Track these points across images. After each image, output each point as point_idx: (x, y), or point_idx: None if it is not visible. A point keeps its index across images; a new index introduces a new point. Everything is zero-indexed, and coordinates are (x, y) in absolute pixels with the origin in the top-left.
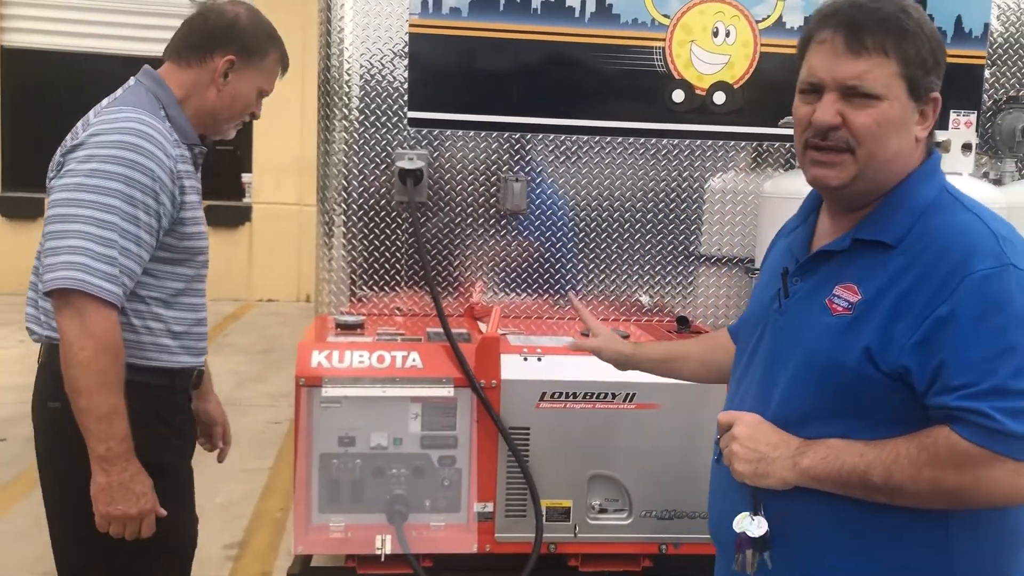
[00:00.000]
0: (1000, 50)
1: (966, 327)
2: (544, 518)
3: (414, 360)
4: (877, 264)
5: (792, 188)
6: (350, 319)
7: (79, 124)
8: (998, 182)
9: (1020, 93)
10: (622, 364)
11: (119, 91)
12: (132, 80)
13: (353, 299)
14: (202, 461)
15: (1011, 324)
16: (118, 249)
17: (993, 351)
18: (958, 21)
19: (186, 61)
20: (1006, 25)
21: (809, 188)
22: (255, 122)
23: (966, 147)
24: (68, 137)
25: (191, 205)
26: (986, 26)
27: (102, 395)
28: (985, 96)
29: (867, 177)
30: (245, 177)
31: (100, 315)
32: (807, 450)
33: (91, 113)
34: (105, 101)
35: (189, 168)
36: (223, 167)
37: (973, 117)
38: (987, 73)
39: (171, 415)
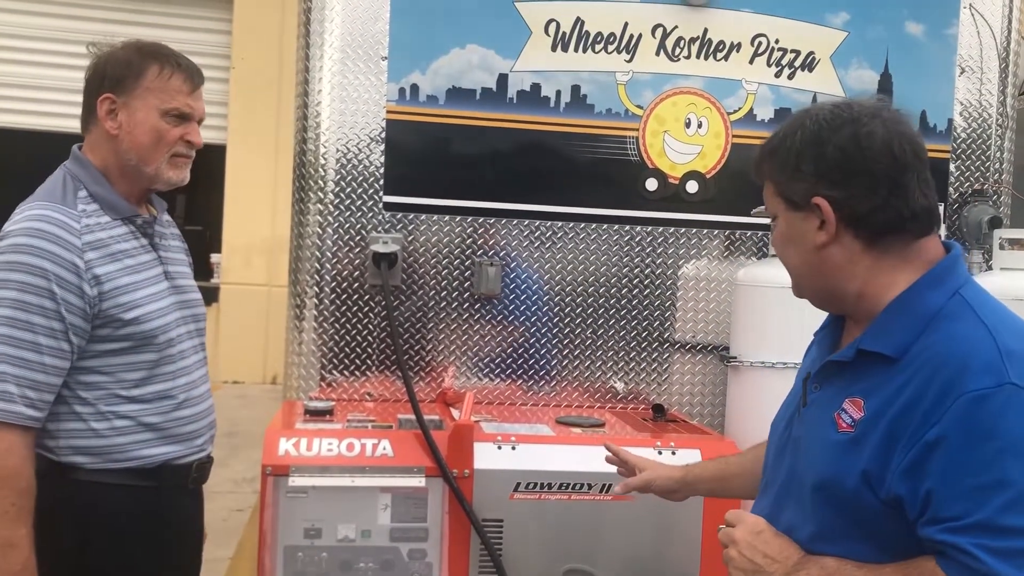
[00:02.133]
0: (964, 144)
1: (955, 454)
2: None
3: (385, 448)
4: (882, 378)
5: (765, 276)
6: (319, 404)
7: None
8: None
9: (984, 186)
10: (676, 492)
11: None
12: (60, 166)
13: (323, 383)
14: None
15: (1003, 452)
16: (10, 362)
17: (982, 482)
18: (923, 116)
19: (86, 127)
20: (968, 120)
21: (784, 277)
22: (226, 202)
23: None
24: None
25: (123, 290)
26: (950, 121)
27: None
28: (951, 189)
29: (803, 289)
30: (214, 257)
31: None
32: (801, 569)
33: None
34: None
35: (125, 247)
36: (192, 246)
37: (940, 209)
38: (952, 167)
39: (159, 523)
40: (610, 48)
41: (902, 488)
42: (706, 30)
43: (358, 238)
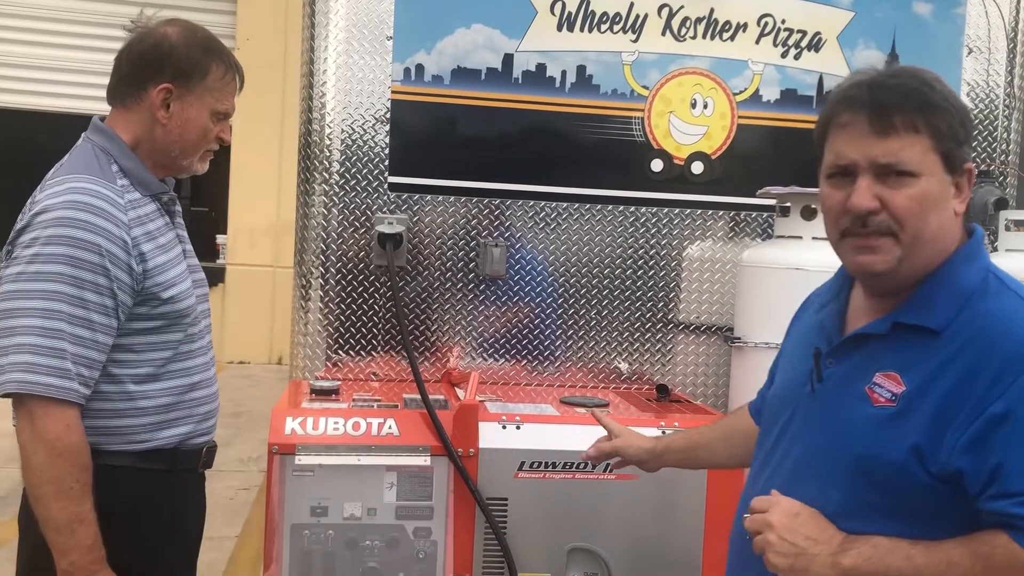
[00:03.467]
0: None
1: (1023, 428)
2: None
3: (390, 427)
4: (921, 352)
5: (769, 257)
6: (325, 384)
7: (28, 202)
8: None
9: (991, 167)
10: (646, 463)
11: (66, 156)
12: (81, 138)
13: (329, 363)
14: None
15: None
16: (68, 339)
17: None
18: None
19: (123, 103)
20: (975, 102)
21: (790, 258)
22: (232, 183)
23: None
24: (19, 217)
25: (161, 268)
26: None
27: (59, 503)
28: None
29: (913, 259)
30: (220, 238)
31: (51, 417)
32: (850, 548)
33: (37, 189)
34: (51, 172)
35: (157, 225)
36: (197, 228)
37: None
38: None
39: (173, 504)
40: (616, 28)
41: (963, 462)
42: (712, 10)
43: (363, 219)
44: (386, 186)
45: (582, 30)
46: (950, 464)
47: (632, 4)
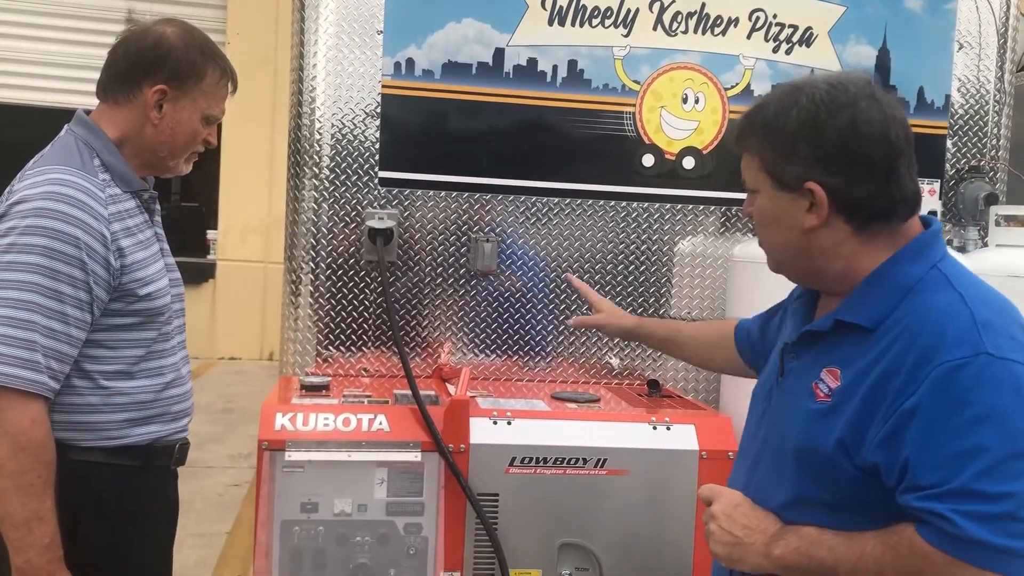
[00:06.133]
0: (961, 121)
1: (932, 423)
2: None
3: (381, 423)
4: (858, 349)
5: (760, 252)
6: (315, 380)
7: (6, 191)
8: (962, 249)
9: (981, 162)
10: (625, 337)
11: (47, 147)
12: (64, 129)
13: (319, 359)
14: None
15: (979, 420)
16: (39, 331)
17: (958, 450)
18: (920, 93)
19: (114, 98)
20: (966, 97)
21: None
22: (222, 179)
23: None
24: None
25: (139, 265)
26: (947, 97)
27: (18, 500)
28: (948, 165)
29: (783, 265)
30: (210, 234)
31: (17, 410)
32: (780, 539)
33: (16, 178)
34: (32, 162)
35: (136, 222)
36: (188, 223)
37: (936, 186)
38: (949, 143)
39: (146, 501)
40: (607, 22)
41: (879, 457)
42: (704, 4)
43: (354, 214)
44: (376, 181)
45: (573, 24)
46: (869, 458)
47: None
